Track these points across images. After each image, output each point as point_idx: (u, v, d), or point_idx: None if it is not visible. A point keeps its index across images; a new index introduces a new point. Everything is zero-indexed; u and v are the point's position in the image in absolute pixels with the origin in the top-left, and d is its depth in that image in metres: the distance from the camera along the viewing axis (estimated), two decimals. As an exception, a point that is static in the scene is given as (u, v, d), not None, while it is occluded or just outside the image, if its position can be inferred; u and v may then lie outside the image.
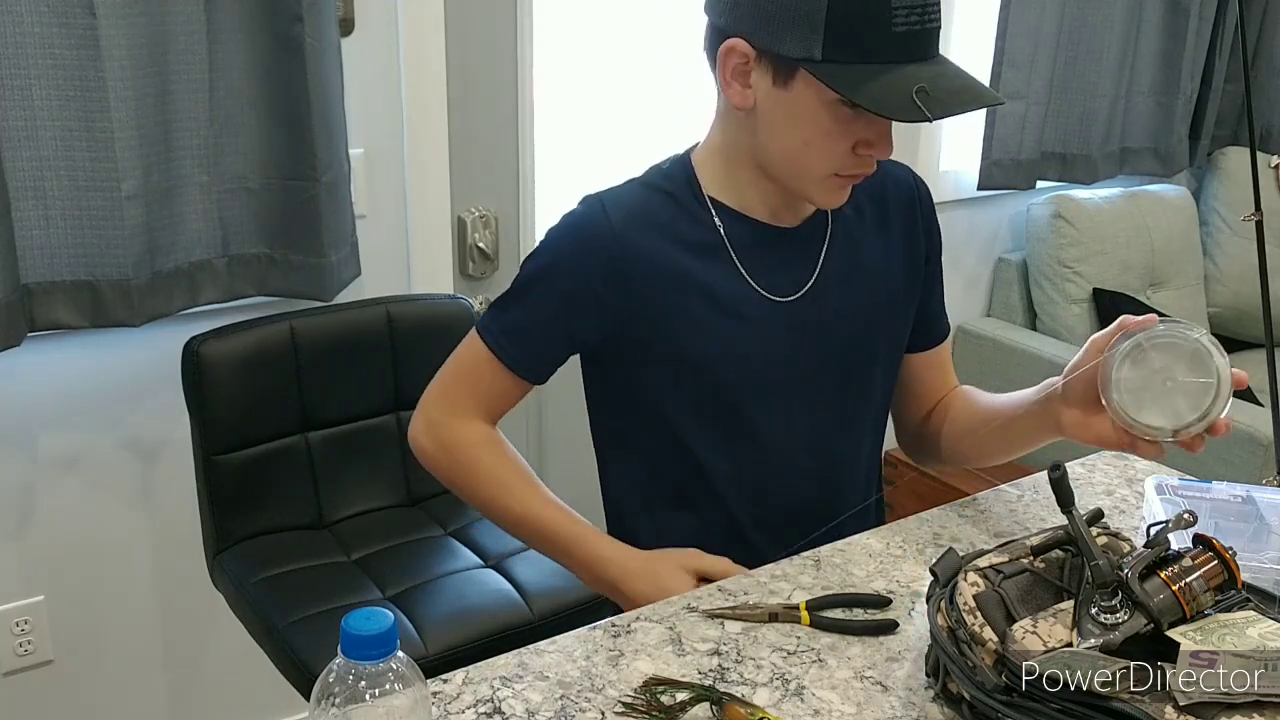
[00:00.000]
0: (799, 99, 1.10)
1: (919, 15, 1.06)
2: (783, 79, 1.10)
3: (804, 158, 1.14)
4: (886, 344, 1.32)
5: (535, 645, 1.06)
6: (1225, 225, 3.16)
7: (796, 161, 1.15)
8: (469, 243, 2.18)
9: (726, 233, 1.21)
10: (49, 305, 1.68)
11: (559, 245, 1.22)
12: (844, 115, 1.09)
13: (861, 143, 1.12)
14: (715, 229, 1.21)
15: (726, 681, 1.00)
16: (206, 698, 2.09)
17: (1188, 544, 0.94)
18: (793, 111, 1.11)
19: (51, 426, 1.83)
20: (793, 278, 1.23)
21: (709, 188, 1.22)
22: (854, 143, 1.12)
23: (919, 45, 1.07)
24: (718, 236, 1.20)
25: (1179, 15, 2.95)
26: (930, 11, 1.07)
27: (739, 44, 1.10)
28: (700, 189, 1.22)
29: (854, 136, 1.11)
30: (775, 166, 1.18)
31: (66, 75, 1.60)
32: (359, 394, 1.83)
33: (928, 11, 1.07)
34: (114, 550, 1.93)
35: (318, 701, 0.77)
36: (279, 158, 1.81)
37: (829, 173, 1.14)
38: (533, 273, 1.23)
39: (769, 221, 1.22)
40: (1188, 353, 1.04)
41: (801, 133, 1.12)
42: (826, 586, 1.16)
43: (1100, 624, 0.88)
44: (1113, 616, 0.89)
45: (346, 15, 1.90)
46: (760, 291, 1.21)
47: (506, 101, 2.16)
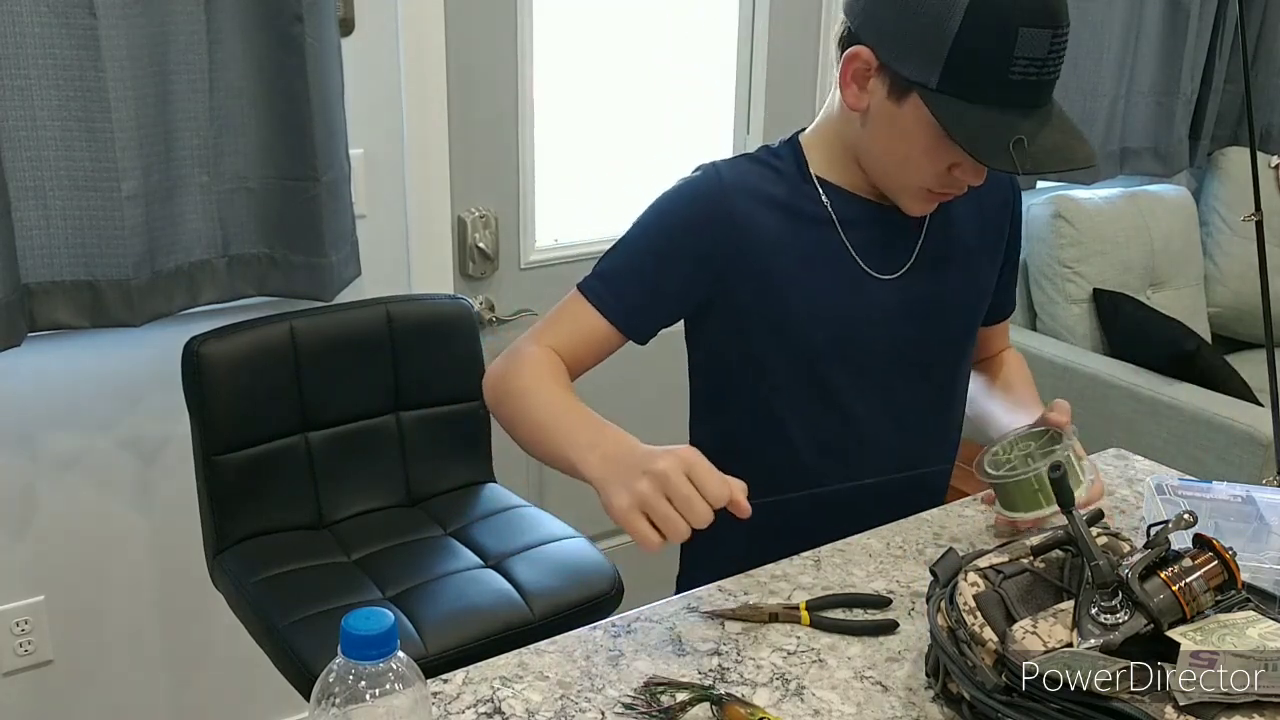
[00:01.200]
0: (908, 117, 1.14)
1: (1038, 68, 1.09)
2: (897, 95, 1.14)
3: (901, 169, 1.20)
4: (971, 333, 1.38)
5: (535, 645, 1.06)
6: (1225, 225, 3.16)
7: (893, 170, 1.22)
8: (469, 243, 2.18)
9: (833, 208, 1.26)
10: (49, 305, 1.68)
11: (673, 204, 1.26)
12: (945, 141, 1.12)
13: (956, 166, 1.17)
14: (823, 204, 1.26)
15: (726, 681, 1.00)
16: (206, 698, 2.09)
17: (1188, 544, 0.94)
18: (900, 126, 1.16)
19: (51, 426, 1.83)
20: (894, 256, 1.28)
21: (816, 168, 1.27)
22: (950, 165, 1.17)
23: (1032, 94, 1.10)
24: (825, 212, 1.26)
25: (1179, 15, 2.95)
26: (1050, 65, 1.10)
27: (865, 52, 1.15)
28: (808, 168, 1.27)
29: (950, 160, 1.16)
30: (873, 168, 1.24)
31: (66, 75, 1.60)
32: (359, 394, 1.82)
33: (1048, 65, 1.09)
34: (114, 550, 1.93)
35: (318, 701, 0.77)
36: (279, 158, 1.81)
37: (920, 187, 1.20)
38: (642, 228, 1.27)
39: (873, 199, 1.27)
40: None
41: (904, 147, 1.17)
42: (826, 587, 1.16)
43: (1100, 624, 0.89)
44: (1113, 617, 0.89)
45: (346, 15, 1.90)
46: (864, 267, 1.26)
47: (506, 101, 2.16)
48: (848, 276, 1.26)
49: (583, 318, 1.24)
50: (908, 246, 1.29)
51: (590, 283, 1.26)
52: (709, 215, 1.24)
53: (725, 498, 0.98)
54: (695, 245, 1.24)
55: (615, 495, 1.00)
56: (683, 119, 2.34)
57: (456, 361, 1.89)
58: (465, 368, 1.89)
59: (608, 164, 2.32)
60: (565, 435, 1.11)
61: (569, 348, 1.24)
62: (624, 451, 1.04)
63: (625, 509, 0.98)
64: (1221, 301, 3.16)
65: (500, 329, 2.25)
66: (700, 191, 1.25)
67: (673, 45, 2.29)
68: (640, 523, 0.97)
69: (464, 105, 2.10)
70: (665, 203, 1.27)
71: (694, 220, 1.24)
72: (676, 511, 0.97)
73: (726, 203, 1.24)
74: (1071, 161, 1.13)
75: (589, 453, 1.06)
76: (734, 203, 1.24)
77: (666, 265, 1.25)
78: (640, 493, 0.98)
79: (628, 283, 1.25)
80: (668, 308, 1.27)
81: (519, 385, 1.19)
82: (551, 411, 1.15)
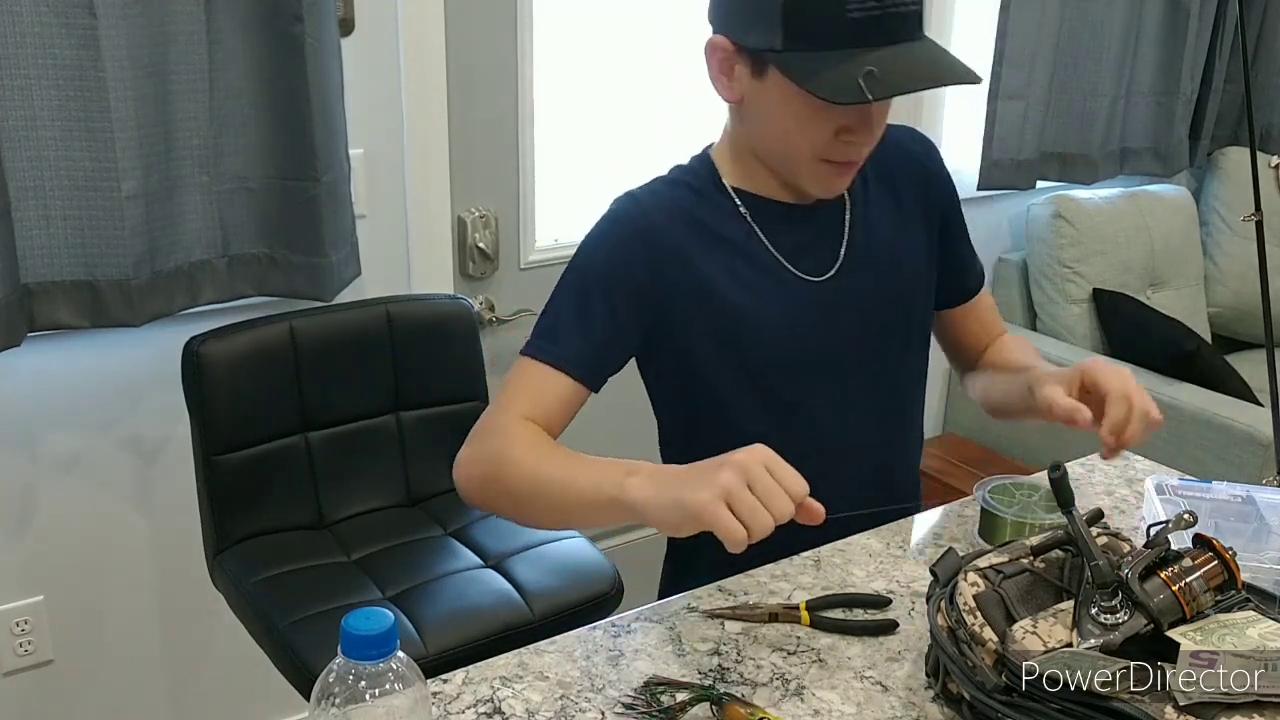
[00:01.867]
0: (773, 89, 1.13)
1: (878, 1, 1.07)
2: (758, 71, 1.14)
3: (787, 146, 1.18)
4: (917, 326, 1.35)
5: (535, 645, 1.06)
6: (1225, 225, 3.16)
7: (782, 150, 1.19)
8: (469, 243, 2.17)
9: (753, 217, 1.24)
10: (49, 305, 1.68)
11: (597, 243, 1.23)
12: (818, 103, 1.10)
13: (843, 129, 1.14)
14: (741, 215, 1.24)
15: (726, 681, 1.00)
16: (206, 698, 2.09)
17: (1188, 544, 0.94)
18: (771, 102, 1.15)
19: (51, 426, 1.83)
20: (821, 258, 1.26)
21: (729, 179, 1.25)
22: (835, 130, 1.14)
23: (883, 30, 1.08)
24: (745, 222, 1.24)
25: (1179, 15, 2.94)
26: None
27: (720, 40, 1.15)
28: (721, 180, 1.25)
29: (833, 124, 1.14)
30: (768, 157, 1.22)
31: (66, 75, 1.60)
32: (359, 394, 1.82)
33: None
34: (114, 550, 1.93)
35: (318, 701, 0.77)
36: (279, 158, 1.80)
37: (814, 158, 1.17)
38: (573, 273, 1.23)
39: (791, 201, 1.25)
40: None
41: (781, 122, 1.16)
42: (826, 586, 1.16)
43: (1100, 624, 0.89)
44: (1113, 617, 0.89)
45: (346, 15, 1.90)
46: (793, 271, 1.24)
47: (506, 101, 2.16)
48: (778, 282, 1.24)
49: (540, 380, 1.18)
50: (834, 246, 1.26)
51: (535, 344, 1.20)
52: (634, 245, 1.21)
53: (804, 491, 0.94)
54: (626, 279, 1.20)
55: (695, 492, 0.94)
56: (682, 119, 2.33)
57: (456, 361, 1.89)
58: (465, 368, 1.89)
59: (608, 164, 2.31)
60: (594, 478, 1.05)
61: (539, 414, 1.17)
62: (671, 470, 1.00)
63: (708, 501, 0.93)
64: (1221, 301, 3.16)
65: (500, 329, 2.25)
66: (621, 223, 1.23)
67: (672, 45, 2.29)
68: (725, 514, 0.92)
69: (464, 105, 2.10)
70: (589, 243, 1.23)
71: (620, 254, 1.21)
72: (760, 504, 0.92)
73: (649, 229, 1.21)
74: (938, 79, 1.10)
75: (629, 478, 1.01)
76: (656, 227, 1.21)
77: (604, 306, 1.20)
78: (723, 484, 0.93)
79: (571, 333, 1.19)
80: (616, 349, 1.22)
81: (512, 456, 1.12)
82: (566, 466, 1.09)
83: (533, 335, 1.21)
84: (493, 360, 2.01)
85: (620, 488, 1.01)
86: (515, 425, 1.15)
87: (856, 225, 1.27)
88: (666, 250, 1.21)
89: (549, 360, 1.18)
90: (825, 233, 1.27)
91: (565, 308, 1.21)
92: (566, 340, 1.19)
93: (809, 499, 0.95)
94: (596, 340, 1.20)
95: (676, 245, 1.21)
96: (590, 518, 1.11)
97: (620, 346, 1.22)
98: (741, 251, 1.23)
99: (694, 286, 1.22)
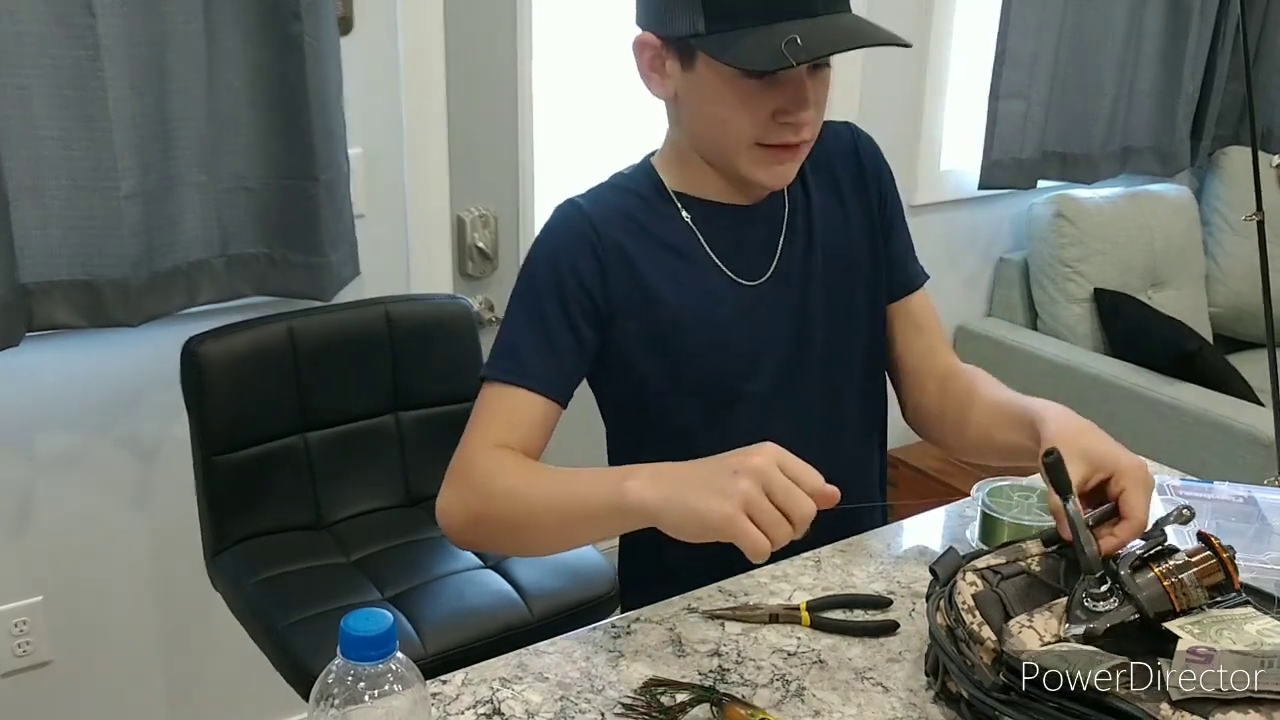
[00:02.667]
0: (704, 77, 1.13)
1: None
2: (687, 60, 1.13)
3: (723, 134, 1.16)
4: (863, 325, 1.30)
5: (535, 646, 1.06)
6: (1226, 225, 3.16)
7: (719, 139, 1.17)
8: (468, 243, 2.17)
9: (694, 222, 1.22)
10: (47, 305, 1.68)
11: (541, 250, 1.21)
12: (750, 86, 1.10)
13: (778, 111, 1.13)
14: (684, 221, 1.22)
15: (727, 682, 1.00)
16: (206, 698, 2.09)
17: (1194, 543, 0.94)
18: (703, 91, 1.14)
19: (50, 426, 1.83)
20: (759, 261, 1.24)
21: (671, 184, 1.24)
22: (770, 112, 1.13)
23: (800, 3, 1.07)
24: (686, 227, 1.22)
25: (1180, 15, 2.94)
26: None
27: (647, 37, 1.16)
28: (664, 186, 1.24)
29: (767, 106, 1.12)
30: (706, 150, 1.20)
31: (66, 75, 1.60)
32: (358, 394, 1.82)
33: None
34: (113, 550, 1.93)
35: (317, 702, 0.76)
36: (278, 157, 1.80)
37: (750, 143, 1.15)
38: (524, 283, 1.21)
39: (729, 201, 1.23)
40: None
41: (715, 110, 1.14)
42: (827, 587, 1.16)
43: (1088, 610, 0.89)
44: (1101, 604, 0.89)
45: (346, 14, 1.90)
46: (731, 276, 1.22)
47: (506, 101, 2.16)
48: (713, 286, 1.21)
49: (508, 405, 1.14)
50: (770, 250, 1.24)
51: (497, 365, 1.16)
52: (579, 248, 1.19)
53: (821, 486, 0.91)
54: (574, 284, 1.17)
55: (714, 503, 0.90)
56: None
57: (456, 361, 1.89)
58: (464, 368, 1.89)
59: (608, 164, 2.30)
60: (589, 489, 1.02)
61: (515, 440, 1.13)
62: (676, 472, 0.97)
63: (731, 515, 0.89)
64: (1223, 301, 3.16)
65: (500, 329, 2.24)
66: (563, 228, 1.21)
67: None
68: (749, 528, 0.89)
69: (464, 105, 2.10)
70: (536, 252, 1.21)
71: (566, 259, 1.18)
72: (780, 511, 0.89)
73: (591, 232, 1.19)
74: (859, 42, 1.08)
75: (626, 482, 0.98)
76: (598, 230, 1.19)
77: (560, 314, 1.17)
78: (744, 494, 0.89)
79: (532, 350, 1.16)
80: (578, 357, 1.18)
81: (496, 489, 1.08)
82: (556, 484, 1.06)
83: (492, 355, 1.17)
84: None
85: (620, 493, 0.98)
86: (493, 456, 1.11)
87: (796, 223, 1.25)
88: (608, 252, 1.18)
89: (515, 381, 1.14)
90: (764, 236, 1.24)
91: (521, 324, 1.18)
92: (529, 358, 1.15)
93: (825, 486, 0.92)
94: (559, 353, 1.16)
95: (618, 247, 1.19)
96: (594, 531, 1.08)
97: (582, 354, 1.19)
98: (683, 255, 1.21)
99: (634, 289, 1.19)
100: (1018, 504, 1.21)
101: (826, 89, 1.15)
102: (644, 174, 1.26)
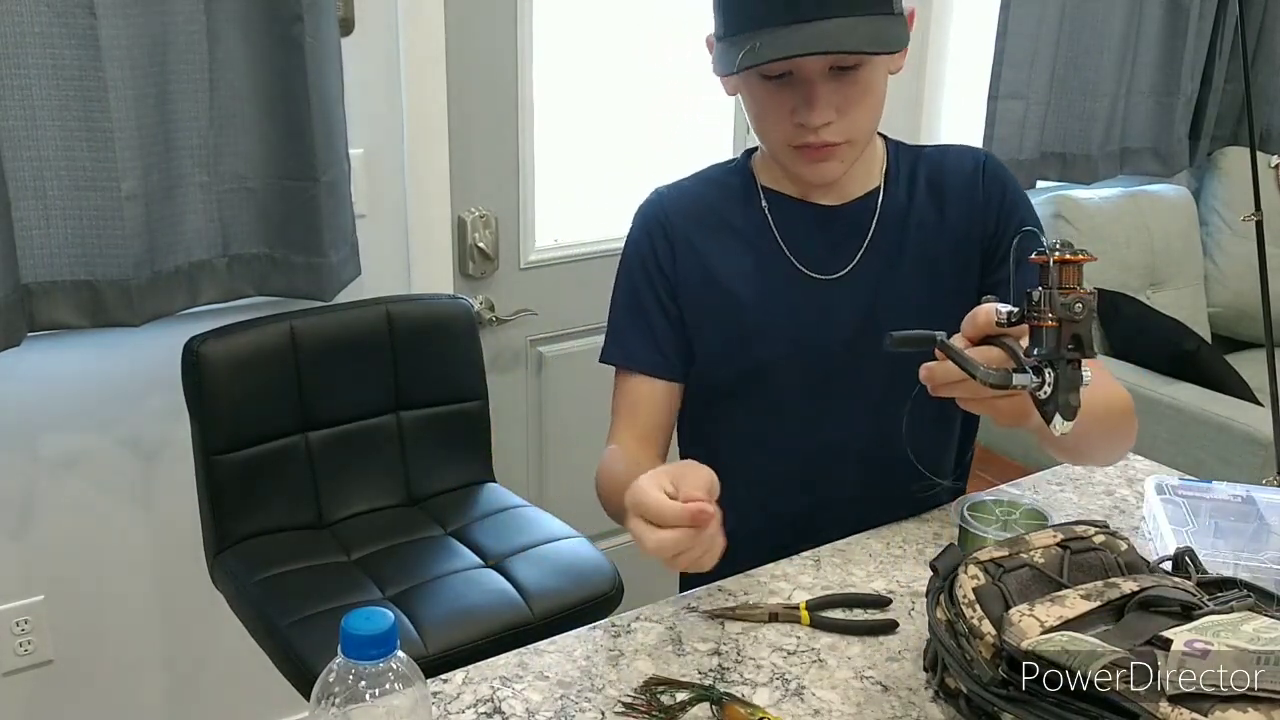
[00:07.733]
0: (738, 79, 1.18)
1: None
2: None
3: (763, 133, 1.23)
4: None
5: (535, 645, 1.06)
6: (1225, 225, 3.16)
7: (763, 136, 1.24)
8: (469, 243, 2.17)
9: (772, 214, 1.28)
10: (49, 305, 1.68)
11: (631, 238, 1.32)
12: (768, 88, 1.16)
13: (794, 112, 1.16)
14: (762, 211, 1.28)
15: (726, 681, 1.00)
16: (206, 698, 2.09)
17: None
18: (741, 92, 1.21)
19: (51, 426, 1.83)
20: (835, 259, 1.27)
21: (762, 178, 1.30)
22: (789, 113, 1.17)
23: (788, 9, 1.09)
24: (763, 218, 1.28)
25: (1179, 15, 2.94)
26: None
27: (709, 37, 1.20)
28: (755, 179, 1.30)
29: (784, 107, 1.16)
30: (764, 146, 1.27)
31: (66, 75, 1.60)
32: (359, 394, 1.83)
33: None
34: (114, 550, 1.93)
35: (318, 701, 0.77)
36: (279, 157, 1.81)
37: (785, 145, 1.20)
38: (621, 271, 1.32)
39: (812, 200, 1.28)
40: None
41: (751, 110, 1.22)
42: (826, 586, 1.16)
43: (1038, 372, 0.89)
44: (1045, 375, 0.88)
45: (346, 15, 1.90)
46: (800, 268, 1.26)
47: (506, 102, 2.16)
48: (783, 278, 1.26)
49: (630, 391, 1.28)
50: (853, 247, 1.26)
51: (608, 349, 1.31)
52: (655, 236, 1.29)
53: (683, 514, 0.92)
54: (655, 268, 1.29)
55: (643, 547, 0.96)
56: (683, 118, 2.34)
57: (456, 361, 1.89)
58: (465, 368, 1.89)
59: (608, 164, 2.32)
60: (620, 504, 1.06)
61: (638, 424, 1.27)
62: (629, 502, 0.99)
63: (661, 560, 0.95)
64: (1221, 301, 3.16)
65: (500, 329, 2.25)
66: (645, 215, 1.31)
67: (673, 45, 2.29)
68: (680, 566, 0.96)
69: (464, 105, 2.10)
70: (627, 240, 1.32)
71: (645, 245, 1.30)
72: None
73: (665, 221, 1.29)
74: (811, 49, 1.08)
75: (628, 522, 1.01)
76: (671, 220, 1.29)
77: (652, 297, 1.29)
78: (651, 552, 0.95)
79: (633, 332, 1.29)
80: (672, 337, 1.29)
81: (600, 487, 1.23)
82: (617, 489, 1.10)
83: (606, 338, 1.31)
84: (492, 360, 2.01)
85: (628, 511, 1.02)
86: (606, 454, 1.25)
87: (885, 227, 1.27)
88: (679, 241, 1.28)
89: (625, 365, 1.28)
90: (847, 235, 1.27)
91: (621, 306, 1.31)
92: (631, 341, 1.28)
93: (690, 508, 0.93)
94: (658, 333, 1.28)
95: (687, 238, 1.28)
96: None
97: (678, 329, 1.29)
98: (753, 246, 1.27)
99: (700, 277, 1.27)
100: (1000, 520, 1.20)
101: (860, 91, 1.15)
102: (740, 167, 1.33)
